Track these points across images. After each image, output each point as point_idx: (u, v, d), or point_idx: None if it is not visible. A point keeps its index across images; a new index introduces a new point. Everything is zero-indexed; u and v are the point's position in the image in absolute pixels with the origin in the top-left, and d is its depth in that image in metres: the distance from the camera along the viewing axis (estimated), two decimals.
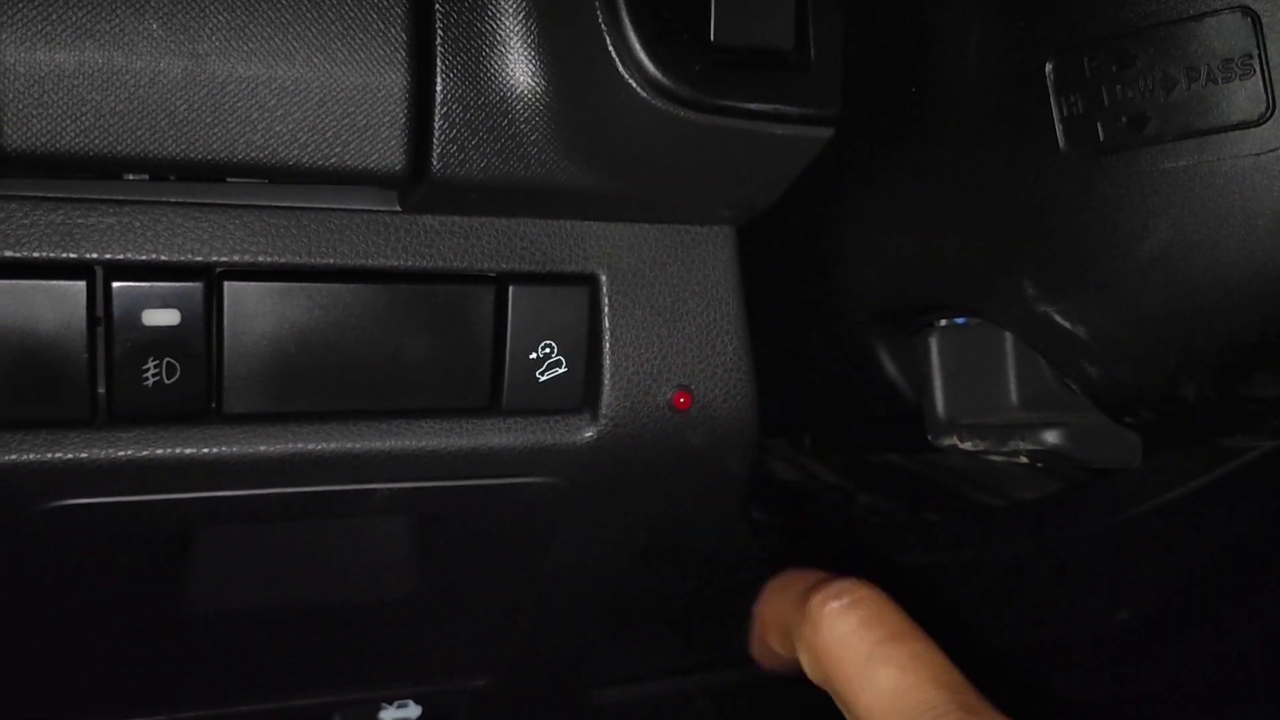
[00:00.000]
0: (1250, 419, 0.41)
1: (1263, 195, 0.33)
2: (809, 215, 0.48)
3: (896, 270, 0.44)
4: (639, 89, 0.38)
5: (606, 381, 0.44)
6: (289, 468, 0.41)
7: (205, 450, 0.40)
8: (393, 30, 0.38)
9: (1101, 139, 0.35)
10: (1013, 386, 0.45)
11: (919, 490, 0.69)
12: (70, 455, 0.39)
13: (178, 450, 0.40)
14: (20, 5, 0.34)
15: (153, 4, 0.35)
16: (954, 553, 0.65)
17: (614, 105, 0.38)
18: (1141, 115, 0.35)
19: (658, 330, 0.45)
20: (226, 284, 0.39)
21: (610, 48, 0.37)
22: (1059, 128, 0.36)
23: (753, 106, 0.39)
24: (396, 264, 0.41)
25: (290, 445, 0.41)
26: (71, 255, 0.38)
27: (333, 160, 0.38)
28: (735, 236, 0.46)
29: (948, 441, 0.45)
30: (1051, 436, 0.41)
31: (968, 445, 0.44)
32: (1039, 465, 0.46)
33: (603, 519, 0.47)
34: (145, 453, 0.39)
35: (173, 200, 0.39)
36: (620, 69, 0.37)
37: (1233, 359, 0.36)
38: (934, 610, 0.35)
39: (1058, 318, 0.37)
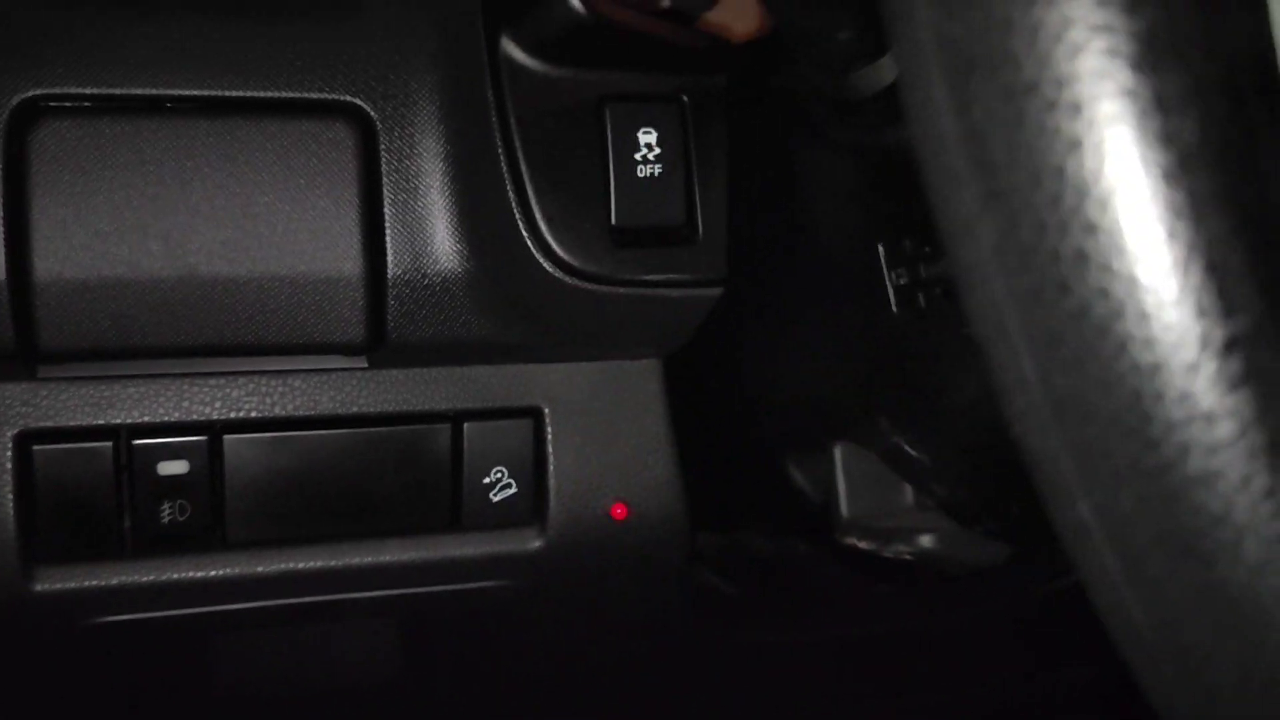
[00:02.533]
0: None
1: None
2: (724, 350, 0.56)
3: (792, 400, 0.51)
4: (549, 268, 0.46)
5: (551, 498, 0.52)
6: (285, 583, 0.50)
7: (214, 573, 0.49)
8: (350, 228, 0.46)
9: (923, 305, 0.41)
10: (908, 491, 0.52)
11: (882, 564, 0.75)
12: (103, 582, 0.47)
13: (191, 574, 0.48)
14: (50, 236, 0.43)
15: (153, 228, 0.44)
16: (911, 621, 0.71)
17: (530, 281, 0.46)
18: (953, 286, 0.42)
19: (595, 452, 0.53)
20: (226, 437, 0.48)
21: (523, 233, 0.45)
22: (891, 295, 0.42)
23: (650, 277, 0.46)
24: (368, 411, 0.50)
25: (286, 565, 0.50)
26: (100, 422, 0.47)
27: (305, 338, 0.46)
28: (661, 367, 0.54)
29: (848, 541, 0.52)
30: (925, 541, 0.48)
31: (864, 545, 0.51)
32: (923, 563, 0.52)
33: (555, 614, 0.55)
34: (165, 577, 0.48)
35: (180, 372, 0.48)
36: (532, 251, 0.45)
37: None
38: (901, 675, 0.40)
39: (906, 447, 0.44)
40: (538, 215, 0.45)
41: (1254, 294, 0.16)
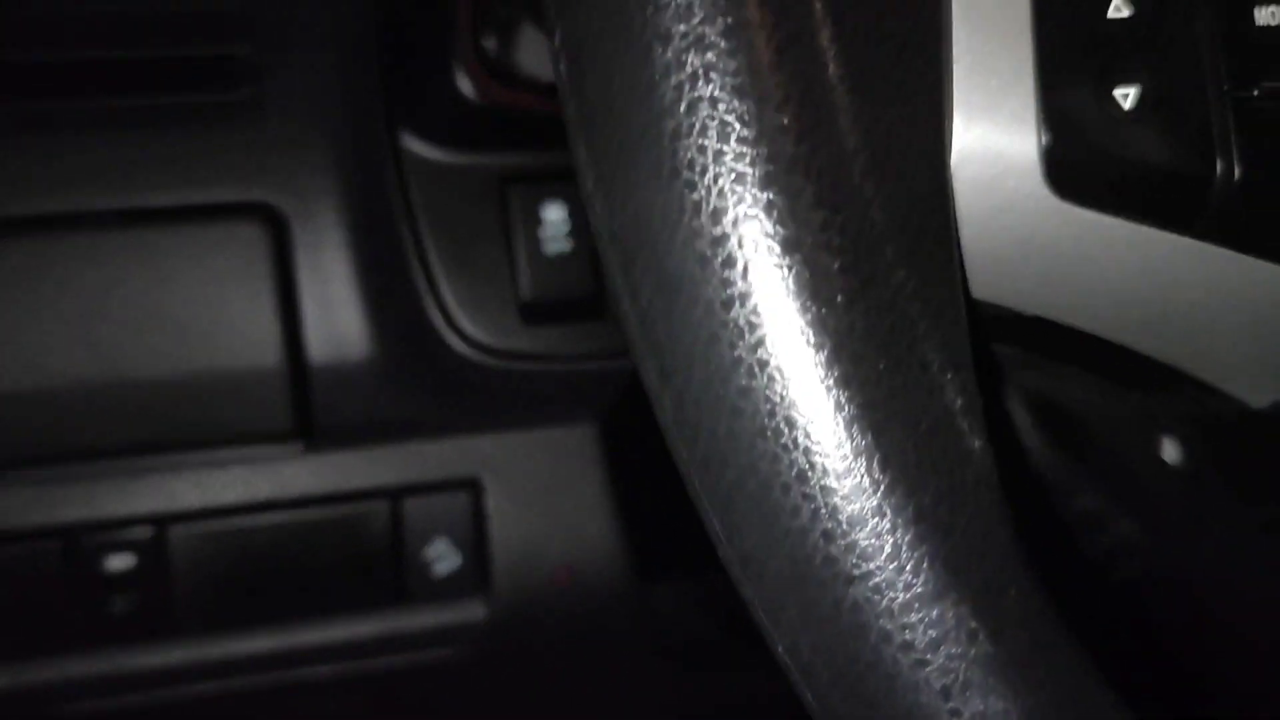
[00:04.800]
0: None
1: None
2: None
3: None
4: (463, 348, 0.47)
5: (495, 567, 0.53)
6: (237, 665, 0.52)
7: (167, 660, 0.51)
8: (268, 322, 0.48)
9: None
10: None
11: None
12: (59, 675, 0.49)
13: (145, 662, 0.50)
14: None
15: (80, 338, 0.46)
16: None
17: (446, 361, 0.48)
18: None
19: (536, 518, 0.54)
20: (171, 528, 0.50)
21: (435, 316, 0.47)
22: None
23: (563, 351, 0.48)
24: (307, 493, 0.51)
25: (236, 648, 0.51)
26: (47, 522, 0.49)
27: (236, 430, 0.48)
28: (596, 429, 0.55)
29: None
30: None
31: None
32: None
33: (508, 680, 0.56)
34: (118, 667, 0.50)
35: (124, 469, 0.50)
36: (444, 333, 0.47)
37: None
38: None
39: None
40: (447, 298, 0.47)
41: (897, 477, 0.17)
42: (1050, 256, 0.23)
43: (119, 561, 0.49)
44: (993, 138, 0.22)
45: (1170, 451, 0.33)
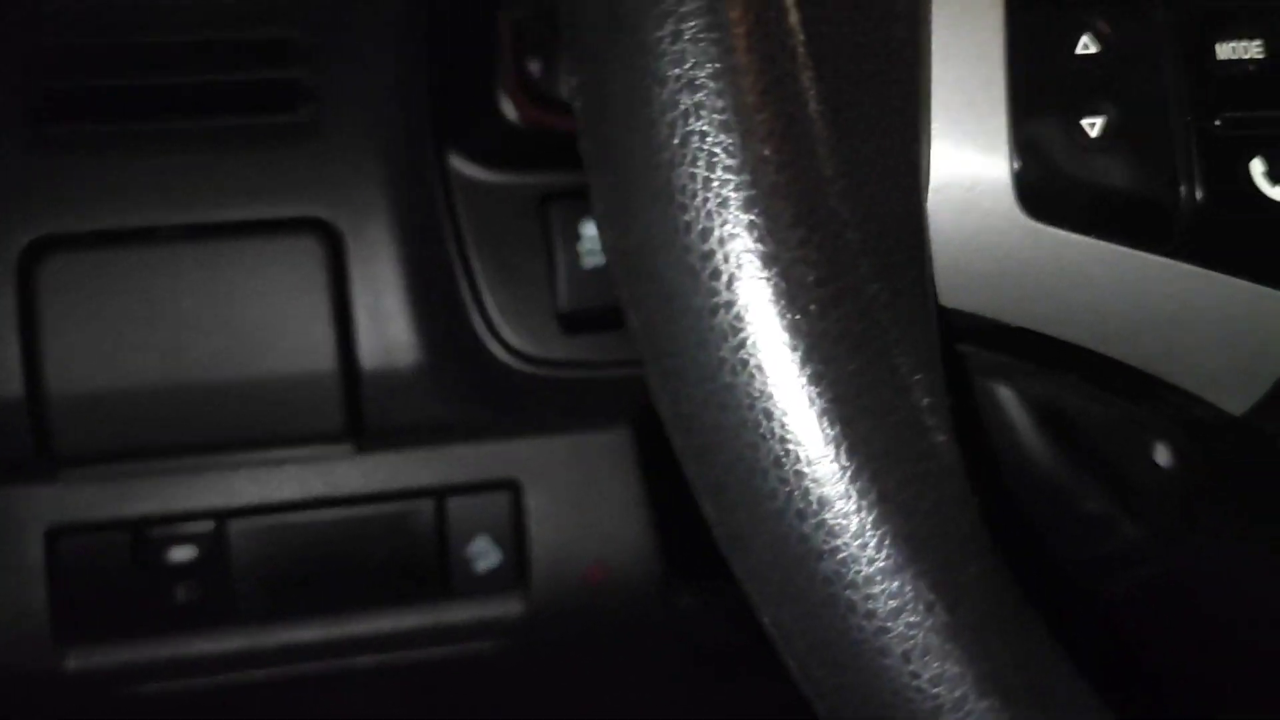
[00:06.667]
0: None
1: None
2: None
3: None
4: (505, 357, 0.50)
5: (533, 564, 0.56)
6: (292, 653, 0.55)
7: (226, 647, 0.54)
8: (324, 330, 0.51)
9: None
10: None
11: None
12: (127, 659, 0.53)
13: (205, 649, 0.54)
14: (60, 356, 0.49)
15: (150, 344, 0.49)
16: None
17: (489, 368, 0.50)
18: None
19: (572, 518, 0.57)
20: (230, 523, 0.53)
21: (479, 326, 0.50)
22: None
23: (599, 358, 0.51)
24: (357, 492, 0.55)
25: (291, 636, 0.55)
26: (117, 516, 0.52)
27: (292, 431, 0.52)
28: (631, 433, 0.58)
29: None
30: None
31: None
32: None
33: (544, 673, 0.59)
34: (181, 653, 0.53)
35: (188, 466, 0.53)
36: (487, 342, 0.50)
37: None
38: None
39: None
40: (491, 308, 0.50)
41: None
42: (1026, 272, 0.26)
43: (182, 553, 0.53)
44: (969, 163, 0.24)
45: (1163, 455, 0.35)
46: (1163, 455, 0.36)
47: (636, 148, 0.20)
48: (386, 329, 0.51)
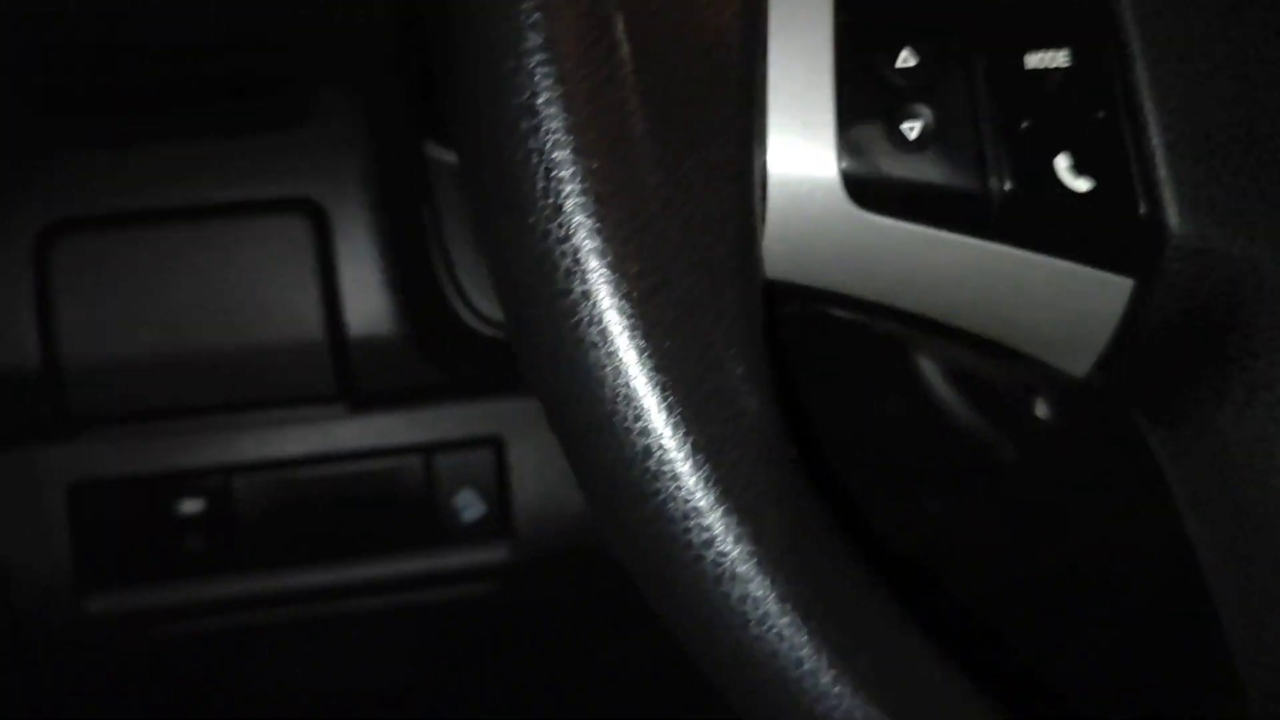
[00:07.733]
0: None
1: None
2: None
3: None
4: (476, 323, 0.54)
5: (516, 514, 0.61)
6: (293, 597, 0.60)
7: (232, 592, 0.59)
8: (313, 301, 0.55)
9: None
10: None
11: None
12: (142, 603, 0.58)
13: (213, 593, 0.59)
14: (74, 328, 0.54)
15: (154, 315, 0.54)
16: None
17: (464, 333, 0.55)
18: None
19: (553, 471, 0.61)
20: (235, 478, 0.58)
21: (453, 295, 0.54)
22: None
23: None
24: (352, 448, 0.59)
25: (292, 582, 0.60)
26: (132, 472, 0.57)
27: (289, 393, 0.56)
28: None
29: None
30: None
31: None
32: None
33: (534, 613, 0.63)
34: (191, 598, 0.58)
35: (195, 427, 0.58)
36: (461, 309, 0.54)
37: None
38: None
39: None
40: (464, 280, 0.54)
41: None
42: (863, 254, 0.29)
43: (192, 506, 0.58)
44: (801, 164, 0.28)
45: (1041, 409, 0.39)
46: (1041, 409, 0.39)
47: (491, 163, 0.24)
48: (370, 299, 0.56)
